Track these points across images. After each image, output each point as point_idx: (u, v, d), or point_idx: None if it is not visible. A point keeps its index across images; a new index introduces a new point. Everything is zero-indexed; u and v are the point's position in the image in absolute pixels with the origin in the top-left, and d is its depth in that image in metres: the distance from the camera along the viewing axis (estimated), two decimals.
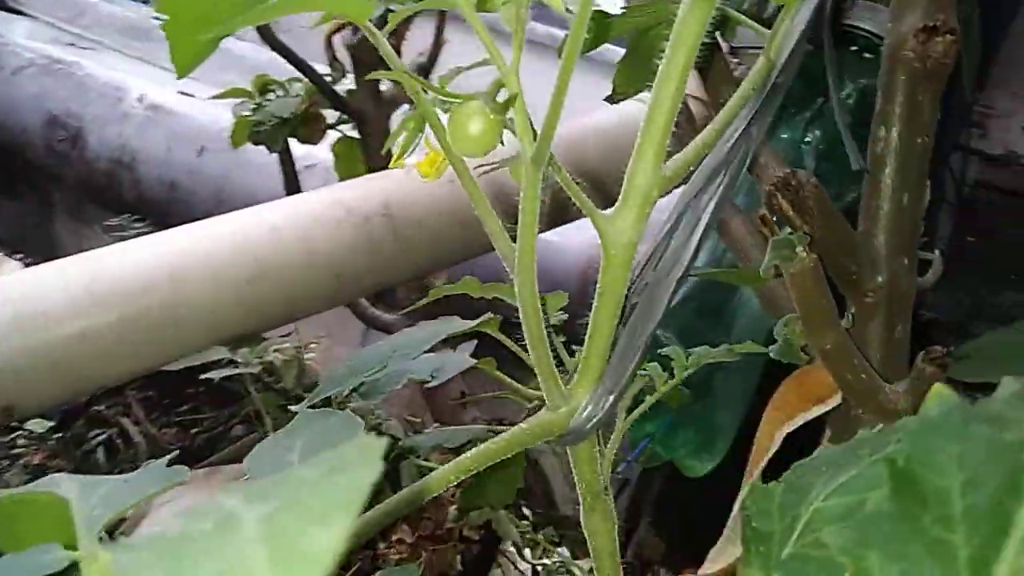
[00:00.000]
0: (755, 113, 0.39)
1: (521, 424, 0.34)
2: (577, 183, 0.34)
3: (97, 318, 0.75)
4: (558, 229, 1.23)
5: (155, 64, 2.04)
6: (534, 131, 0.31)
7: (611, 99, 0.55)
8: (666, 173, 0.33)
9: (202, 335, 0.80)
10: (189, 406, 0.92)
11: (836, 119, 0.50)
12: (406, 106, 1.30)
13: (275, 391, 1.00)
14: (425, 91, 0.34)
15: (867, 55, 0.79)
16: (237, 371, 0.78)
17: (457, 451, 0.77)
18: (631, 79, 0.54)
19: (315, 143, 1.17)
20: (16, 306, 0.68)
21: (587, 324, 0.34)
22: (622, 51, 0.54)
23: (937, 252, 0.53)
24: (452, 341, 0.72)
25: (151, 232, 0.87)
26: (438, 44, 1.22)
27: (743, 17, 0.43)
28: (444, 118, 0.34)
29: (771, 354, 0.48)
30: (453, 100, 0.32)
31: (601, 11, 0.49)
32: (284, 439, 0.34)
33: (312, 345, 1.24)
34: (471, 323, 0.54)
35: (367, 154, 1.15)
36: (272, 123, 1.07)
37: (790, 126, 0.91)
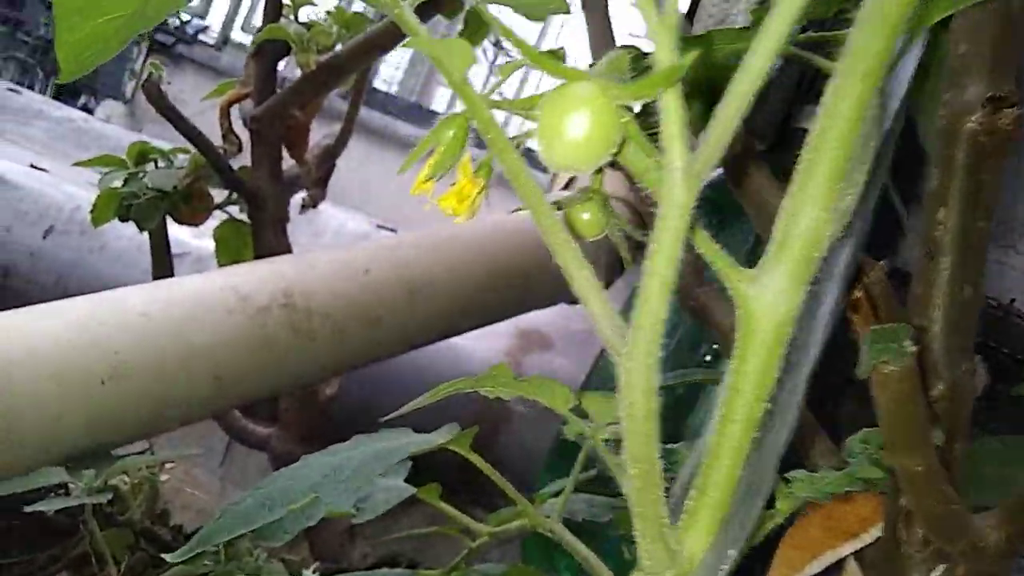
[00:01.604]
0: (879, 162, 0.30)
1: None
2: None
3: None
4: (470, 334, 1.12)
5: (3, 137, 1.81)
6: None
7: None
8: (835, 216, 0.22)
9: (36, 450, 0.61)
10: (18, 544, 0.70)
11: (900, 215, 0.42)
12: (304, 192, 1.17)
13: (118, 525, 0.79)
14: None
15: None
16: (75, 503, 0.59)
17: None
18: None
19: (197, 224, 1.01)
20: None
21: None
22: None
23: (979, 358, 0.46)
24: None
25: None
26: (350, 124, 1.11)
27: (813, 56, 0.35)
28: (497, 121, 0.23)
29: (850, 475, 0.37)
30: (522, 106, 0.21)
31: None
32: None
33: (168, 466, 1.03)
34: (435, 437, 0.41)
35: (258, 242, 1.00)
36: (148, 196, 0.91)
37: (731, 233, 0.86)
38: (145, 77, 0.89)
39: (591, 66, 0.21)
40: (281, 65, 1.03)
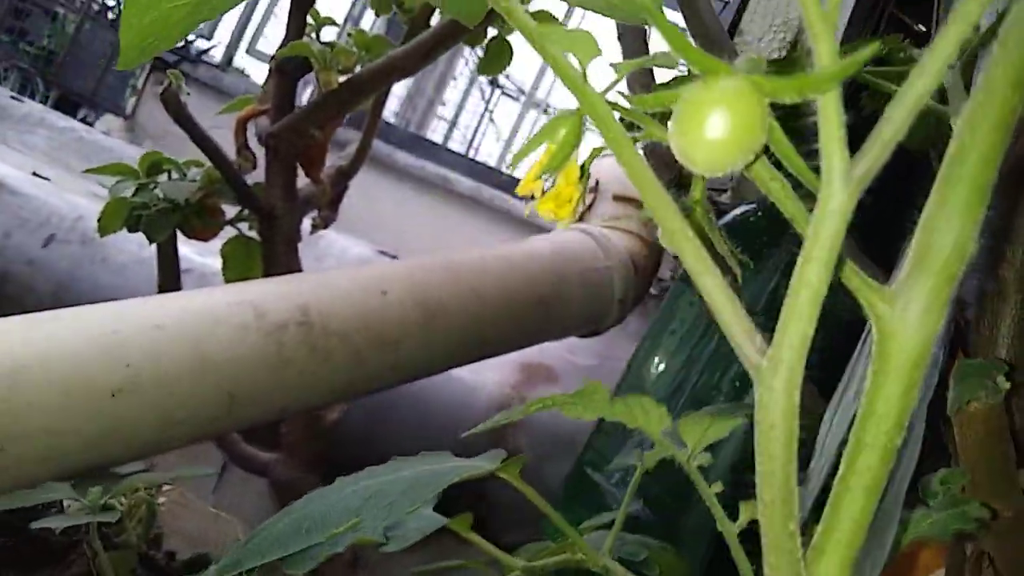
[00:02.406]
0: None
1: None
2: None
3: None
4: (472, 366, 1.09)
5: (6, 144, 1.79)
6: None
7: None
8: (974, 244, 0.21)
9: (38, 464, 0.58)
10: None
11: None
12: (315, 212, 1.15)
13: (116, 547, 0.76)
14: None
15: None
16: (81, 521, 0.56)
17: None
18: None
19: (207, 239, 0.99)
20: None
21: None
22: None
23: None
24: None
25: None
26: (366, 146, 1.10)
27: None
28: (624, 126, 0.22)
29: (929, 528, 0.35)
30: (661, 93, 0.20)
31: None
32: None
33: (165, 487, 1.00)
34: (484, 463, 0.39)
35: (269, 261, 0.98)
36: (160, 207, 0.89)
37: (760, 270, 0.85)
38: (165, 86, 0.87)
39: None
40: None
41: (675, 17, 0.59)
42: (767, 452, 0.19)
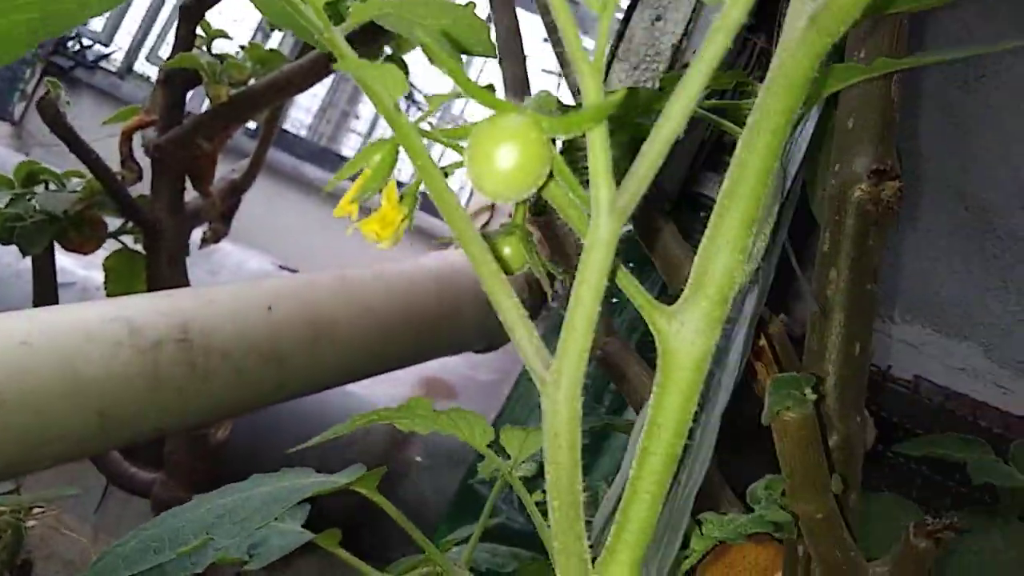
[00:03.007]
0: (778, 224, 0.32)
1: None
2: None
3: None
4: (368, 381, 1.09)
5: None
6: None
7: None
8: (745, 268, 0.23)
9: None
10: None
11: (791, 261, 0.45)
12: (206, 226, 1.13)
13: None
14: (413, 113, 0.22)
15: None
16: None
17: None
18: None
19: (87, 252, 0.95)
20: None
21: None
22: None
23: (866, 413, 0.48)
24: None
25: None
26: (259, 160, 1.09)
27: (718, 119, 0.37)
28: (433, 150, 0.23)
29: (750, 524, 0.38)
30: (454, 130, 0.22)
31: None
32: None
33: (36, 510, 0.95)
34: (340, 478, 0.39)
35: (153, 275, 0.95)
36: (35, 219, 0.85)
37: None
38: (42, 94, 0.84)
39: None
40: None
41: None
42: (553, 460, 0.21)
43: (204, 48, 0.97)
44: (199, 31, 0.98)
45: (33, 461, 0.64)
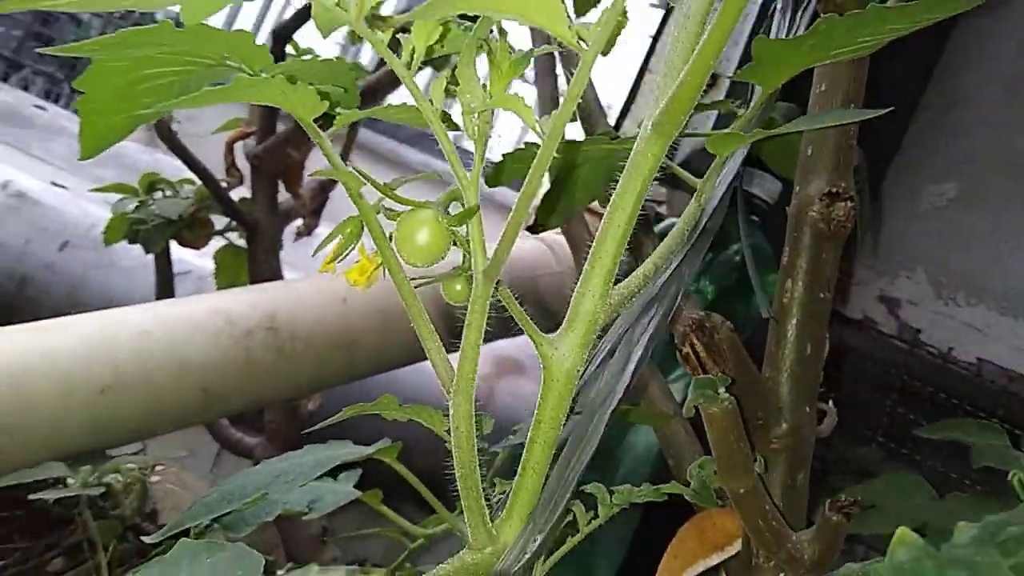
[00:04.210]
0: (686, 253, 0.39)
1: (443, 565, 0.31)
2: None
3: None
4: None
5: (28, 152, 1.93)
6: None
7: (532, 230, 0.55)
8: (611, 301, 0.32)
9: (40, 448, 0.70)
10: (16, 531, 0.79)
11: (749, 271, 0.52)
12: (300, 221, 1.27)
13: (110, 518, 0.88)
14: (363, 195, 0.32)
15: (754, 217, 0.85)
16: (72, 493, 0.68)
17: None
18: (552, 212, 0.54)
19: (199, 248, 1.11)
20: None
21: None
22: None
23: (830, 403, 0.55)
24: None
25: None
26: (344, 159, 1.21)
27: (678, 168, 0.45)
28: (387, 226, 0.33)
29: (686, 496, 0.46)
30: (403, 207, 0.31)
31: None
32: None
33: (159, 468, 1.12)
34: (367, 449, 0.50)
35: (253, 267, 1.10)
36: (155, 222, 1.01)
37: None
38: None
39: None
40: None
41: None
42: (456, 442, 0.30)
43: None
44: (289, 50, 1.11)
45: (151, 428, 0.79)
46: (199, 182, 1.07)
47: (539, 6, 0.23)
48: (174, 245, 1.13)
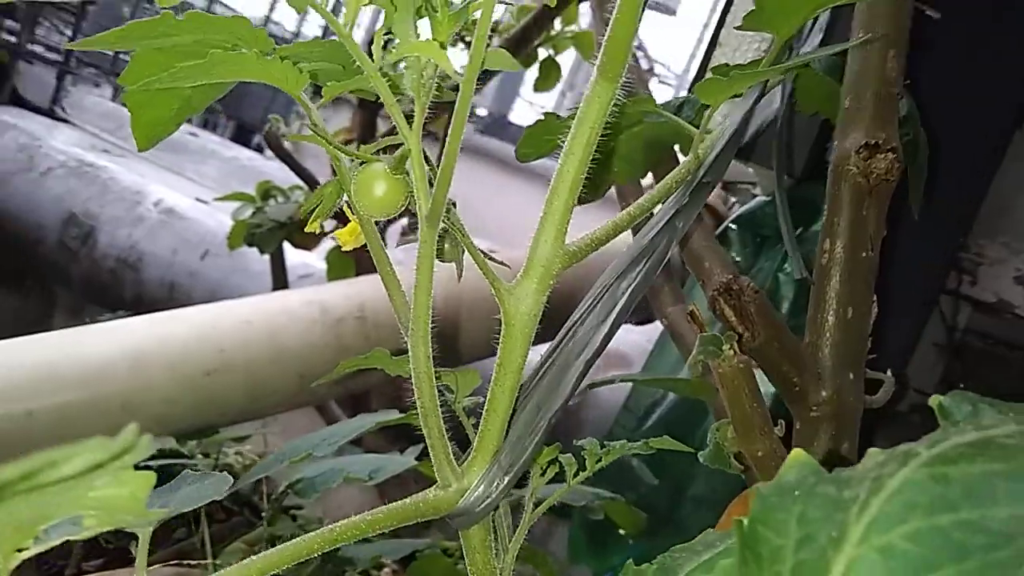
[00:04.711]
0: (681, 207, 0.39)
1: (406, 500, 0.32)
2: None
3: (47, 399, 0.73)
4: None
5: (180, 173, 2.14)
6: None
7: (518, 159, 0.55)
8: (570, 249, 0.32)
9: (155, 426, 0.79)
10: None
11: (782, 231, 0.50)
12: (404, 220, 1.33)
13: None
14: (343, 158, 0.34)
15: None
16: (180, 462, 0.76)
17: (403, 562, 0.73)
18: (536, 146, 0.53)
19: (309, 249, 1.20)
20: None
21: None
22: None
23: (889, 372, 0.51)
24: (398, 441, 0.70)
25: None
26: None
27: (677, 119, 0.44)
28: None
29: (700, 459, 0.45)
30: (364, 163, 0.33)
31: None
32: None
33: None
34: (391, 416, 0.53)
35: (359, 265, 1.17)
36: (268, 226, 1.10)
37: (769, 255, 0.92)
38: (266, 129, 1.08)
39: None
40: None
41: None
42: (417, 387, 0.32)
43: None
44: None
45: (253, 411, 0.86)
46: (307, 188, 1.15)
47: None
48: (295, 251, 1.23)
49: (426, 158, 0.31)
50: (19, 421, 0.72)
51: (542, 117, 0.50)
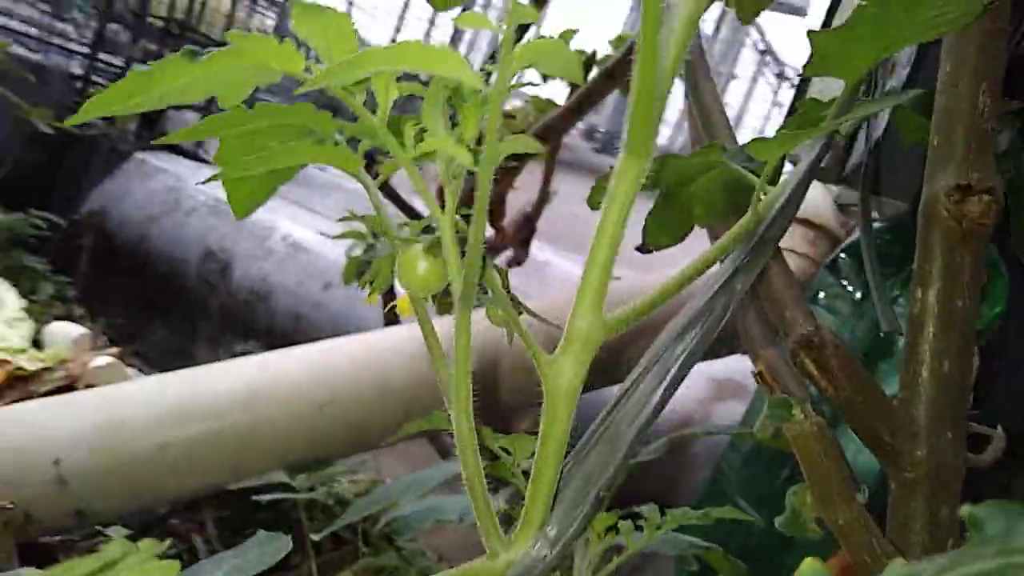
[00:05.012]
0: (740, 266, 0.38)
1: (452, 570, 0.33)
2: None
3: (174, 433, 0.80)
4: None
5: (308, 207, 2.27)
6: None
7: (641, 249, 0.55)
8: (609, 321, 0.32)
9: (270, 458, 0.84)
10: (255, 529, 0.95)
11: (868, 276, 0.47)
12: (509, 251, 1.35)
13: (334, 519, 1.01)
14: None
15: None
16: (288, 496, 0.80)
17: None
18: (663, 231, 0.54)
19: None
20: (98, 416, 0.75)
21: None
22: None
23: (1000, 428, 0.47)
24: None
25: None
26: (545, 193, 1.28)
27: (740, 169, 0.43)
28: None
29: (777, 526, 0.43)
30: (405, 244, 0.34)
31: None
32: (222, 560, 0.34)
33: (389, 480, 1.25)
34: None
35: None
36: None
37: (885, 288, 0.86)
38: (375, 170, 1.13)
39: None
40: None
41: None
42: (462, 456, 0.32)
43: None
44: None
45: (362, 444, 0.90)
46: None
47: (440, 58, 0.25)
48: None
49: (462, 240, 0.32)
50: (153, 454, 0.78)
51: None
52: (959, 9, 0.35)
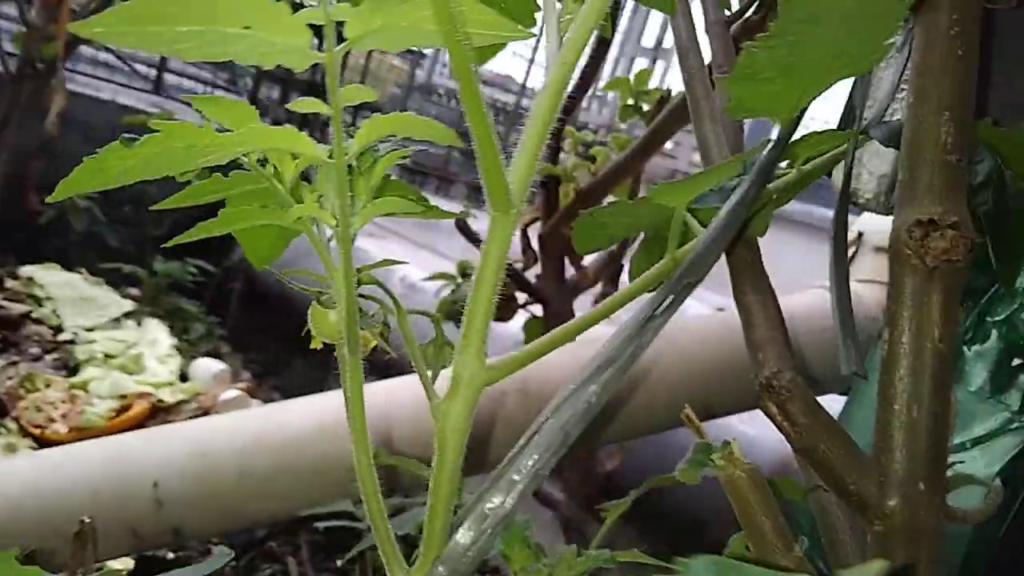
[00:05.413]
0: (655, 310, 0.39)
1: None
2: None
3: (258, 463, 0.88)
4: (753, 420, 1.17)
5: (432, 249, 2.39)
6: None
7: None
8: (492, 367, 0.34)
9: (337, 488, 0.90)
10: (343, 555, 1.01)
11: (833, 313, 0.46)
12: (598, 288, 1.37)
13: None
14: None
15: None
16: (351, 524, 0.86)
17: None
18: (590, 239, 0.52)
19: (506, 320, 1.28)
20: (188, 445, 0.84)
21: None
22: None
23: (998, 481, 0.44)
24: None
25: None
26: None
27: (665, 222, 0.43)
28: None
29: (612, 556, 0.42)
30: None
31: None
32: None
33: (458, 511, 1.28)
34: None
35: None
36: (463, 303, 1.20)
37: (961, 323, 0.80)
38: (458, 215, 1.19)
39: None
40: None
41: None
42: (364, 495, 0.36)
43: (569, 152, 1.22)
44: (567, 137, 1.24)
45: (423, 478, 0.94)
46: None
47: (282, 136, 0.29)
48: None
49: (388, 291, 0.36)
50: (234, 481, 0.87)
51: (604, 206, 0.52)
52: (861, 47, 0.34)
